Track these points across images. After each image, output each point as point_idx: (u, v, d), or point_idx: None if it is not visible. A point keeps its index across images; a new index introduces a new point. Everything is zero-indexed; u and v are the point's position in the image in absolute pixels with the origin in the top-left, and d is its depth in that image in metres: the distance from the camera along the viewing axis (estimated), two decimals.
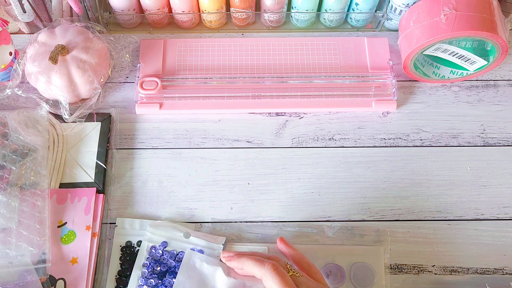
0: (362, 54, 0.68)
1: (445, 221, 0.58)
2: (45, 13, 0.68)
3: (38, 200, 0.55)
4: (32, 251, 0.52)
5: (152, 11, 0.68)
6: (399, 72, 0.66)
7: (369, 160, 0.62)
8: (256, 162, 0.62)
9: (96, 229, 0.56)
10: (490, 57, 0.61)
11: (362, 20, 0.70)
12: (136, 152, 0.62)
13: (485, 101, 0.66)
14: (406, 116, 0.65)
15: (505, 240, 0.57)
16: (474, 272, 0.56)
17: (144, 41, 0.68)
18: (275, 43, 0.68)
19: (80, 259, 0.54)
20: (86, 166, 0.60)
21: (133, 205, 0.59)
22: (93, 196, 0.57)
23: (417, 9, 0.60)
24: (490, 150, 0.63)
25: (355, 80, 0.65)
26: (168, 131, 0.63)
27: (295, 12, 0.69)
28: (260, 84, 0.65)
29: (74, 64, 0.60)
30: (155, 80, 0.64)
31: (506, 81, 0.67)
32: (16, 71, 0.62)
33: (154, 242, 0.55)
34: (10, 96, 0.64)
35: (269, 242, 0.56)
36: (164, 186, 0.60)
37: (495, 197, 0.60)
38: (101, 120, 0.63)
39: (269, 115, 0.65)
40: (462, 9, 0.56)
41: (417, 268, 0.56)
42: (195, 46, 0.68)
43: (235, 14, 0.69)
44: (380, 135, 0.63)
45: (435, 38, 0.57)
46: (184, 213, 0.58)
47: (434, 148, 0.63)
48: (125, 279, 0.54)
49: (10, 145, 0.58)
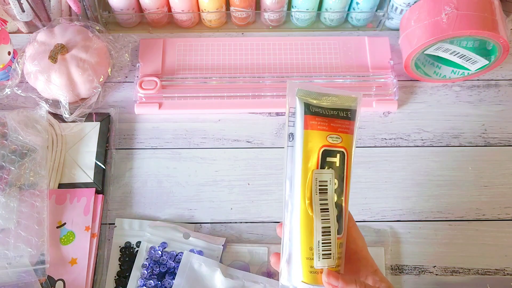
0: (362, 53, 0.67)
1: (446, 222, 0.58)
2: (44, 12, 0.67)
3: (37, 200, 0.55)
4: (31, 252, 0.52)
5: (152, 10, 0.67)
6: (400, 71, 0.66)
7: (370, 160, 0.61)
8: (256, 162, 0.61)
9: (95, 230, 0.56)
10: (491, 56, 0.61)
11: (362, 19, 0.70)
12: (136, 152, 0.62)
13: (486, 101, 0.65)
14: (407, 116, 0.64)
15: (506, 240, 0.57)
16: (475, 272, 0.55)
17: (143, 41, 0.68)
18: (275, 43, 0.68)
19: (79, 259, 0.54)
20: (85, 166, 0.60)
21: (132, 206, 0.58)
22: (92, 197, 0.57)
23: (418, 8, 0.59)
24: (491, 150, 0.62)
25: (355, 80, 0.65)
26: (168, 131, 0.63)
27: (296, 11, 0.68)
28: (260, 83, 0.65)
29: (74, 63, 0.60)
30: (155, 80, 0.64)
31: (508, 81, 0.67)
32: (16, 71, 0.62)
33: (154, 243, 0.55)
34: (10, 96, 0.63)
35: (269, 243, 0.56)
36: (164, 187, 0.60)
37: (496, 197, 0.59)
38: (100, 120, 0.62)
39: (269, 115, 0.64)
40: (463, 8, 0.56)
41: (418, 269, 0.55)
42: (194, 46, 0.68)
43: (235, 13, 0.68)
44: (381, 135, 0.63)
45: (436, 37, 0.56)
46: (184, 214, 0.58)
47: (435, 148, 0.62)
48: (124, 279, 0.54)
49: (9, 145, 0.58)
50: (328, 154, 0.38)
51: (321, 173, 0.38)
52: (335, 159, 0.39)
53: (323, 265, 0.38)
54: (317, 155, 0.38)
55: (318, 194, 0.38)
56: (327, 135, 0.38)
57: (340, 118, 0.39)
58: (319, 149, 0.38)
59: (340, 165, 0.39)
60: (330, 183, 0.39)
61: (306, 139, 0.38)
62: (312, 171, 0.38)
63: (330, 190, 0.39)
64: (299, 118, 0.39)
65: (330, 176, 0.39)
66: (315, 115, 0.39)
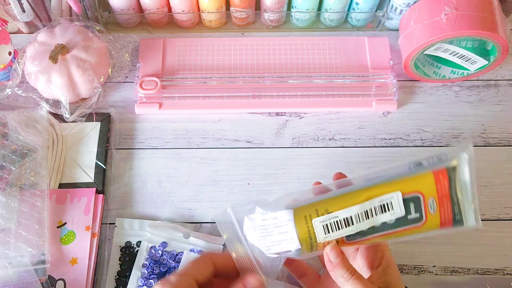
0: (362, 53, 0.67)
1: None
2: (44, 12, 0.67)
3: (38, 200, 0.55)
4: (31, 251, 0.52)
5: (152, 11, 0.67)
6: (400, 71, 0.66)
7: (370, 160, 0.61)
8: (256, 162, 0.61)
9: (95, 230, 0.56)
10: (490, 57, 0.61)
11: (362, 19, 0.70)
12: (136, 152, 0.62)
13: (486, 101, 0.66)
14: (406, 116, 0.65)
15: (506, 240, 0.57)
16: (475, 272, 0.55)
17: (143, 41, 0.68)
18: (275, 43, 0.68)
19: (80, 259, 0.54)
20: (86, 166, 0.60)
21: (132, 206, 0.59)
22: (92, 197, 0.57)
23: (418, 8, 0.59)
24: (491, 150, 0.62)
25: (355, 80, 0.65)
26: (168, 131, 0.63)
27: (295, 12, 0.68)
28: (260, 83, 0.65)
29: (74, 63, 0.60)
30: (155, 80, 0.64)
31: (507, 81, 0.67)
32: (16, 71, 0.62)
33: (154, 243, 0.55)
34: (10, 96, 0.64)
35: None
36: (164, 186, 0.60)
37: (496, 197, 0.59)
38: (101, 120, 0.63)
39: (269, 115, 0.65)
40: (463, 8, 0.56)
41: (418, 269, 0.56)
42: (194, 46, 0.68)
43: (235, 13, 0.68)
44: (380, 135, 0.63)
45: (436, 37, 0.57)
46: (184, 214, 0.58)
47: (435, 148, 0.62)
48: (124, 279, 0.54)
49: (10, 145, 0.58)
50: None
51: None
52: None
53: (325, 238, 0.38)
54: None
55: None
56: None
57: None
58: None
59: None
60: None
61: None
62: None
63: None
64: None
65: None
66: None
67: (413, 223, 0.40)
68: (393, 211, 0.39)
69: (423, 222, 0.40)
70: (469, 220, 0.41)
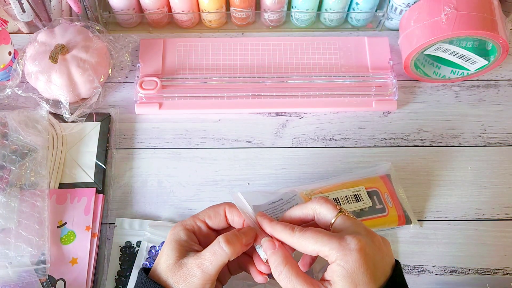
0: (362, 53, 0.67)
1: (446, 221, 0.58)
2: (44, 12, 0.67)
3: (38, 200, 0.55)
4: (31, 251, 0.52)
5: (152, 11, 0.67)
6: (400, 71, 0.66)
7: (370, 160, 0.61)
8: (256, 162, 0.61)
9: (95, 230, 0.56)
10: (490, 57, 0.61)
11: (362, 19, 0.70)
12: (136, 152, 0.62)
13: (486, 101, 0.66)
14: (406, 116, 0.65)
15: (505, 240, 0.57)
16: (475, 272, 0.55)
17: (143, 41, 0.68)
18: (275, 43, 0.68)
19: (80, 259, 0.54)
20: (86, 166, 0.60)
21: (132, 205, 0.59)
22: (92, 196, 0.57)
23: (418, 8, 0.59)
24: (491, 150, 0.62)
25: (355, 80, 0.65)
26: (168, 131, 0.63)
27: (295, 12, 0.68)
28: (260, 84, 0.65)
29: (74, 63, 0.60)
30: (155, 80, 0.64)
31: (507, 81, 0.67)
32: (16, 71, 0.62)
33: (154, 242, 0.55)
34: (10, 96, 0.64)
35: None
36: (164, 186, 0.60)
37: (495, 197, 0.59)
38: (101, 120, 0.63)
39: (269, 115, 0.65)
40: (462, 8, 0.56)
41: (418, 269, 0.56)
42: (194, 46, 0.68)
43: (235, 13, 0.69)
44: (380, 135, 0.63)
45: (436, 37, 0.57)
46: (184, 213, 0.58)
47: (434, 148, 0.62)
48: (124, 279, 0.54)
49: (10, 145, 0.58)
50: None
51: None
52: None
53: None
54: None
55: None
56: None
57: None
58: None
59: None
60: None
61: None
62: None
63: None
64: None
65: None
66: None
67: (379, 213, 0.55)
68: (363, 201, 0.54)
69: (386, 213, 0.55)
70: (412, 217, 0.56)
